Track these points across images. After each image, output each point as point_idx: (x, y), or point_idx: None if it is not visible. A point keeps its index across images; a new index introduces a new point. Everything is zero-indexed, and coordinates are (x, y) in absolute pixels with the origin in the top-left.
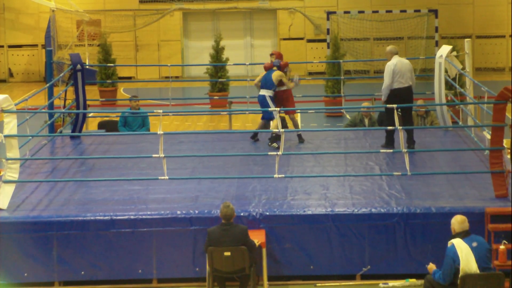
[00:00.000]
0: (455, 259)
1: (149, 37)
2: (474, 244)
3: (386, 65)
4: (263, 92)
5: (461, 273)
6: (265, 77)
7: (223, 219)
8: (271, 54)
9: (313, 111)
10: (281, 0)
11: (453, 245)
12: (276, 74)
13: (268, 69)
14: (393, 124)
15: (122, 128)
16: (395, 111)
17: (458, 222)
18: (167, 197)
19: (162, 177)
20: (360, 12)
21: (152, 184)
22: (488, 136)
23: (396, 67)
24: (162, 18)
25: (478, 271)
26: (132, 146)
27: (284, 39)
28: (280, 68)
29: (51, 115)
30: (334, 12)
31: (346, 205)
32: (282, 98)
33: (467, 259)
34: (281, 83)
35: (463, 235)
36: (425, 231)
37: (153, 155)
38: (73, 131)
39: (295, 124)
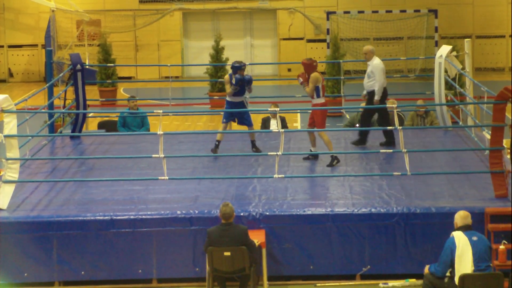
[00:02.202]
0: (453, 249)
1: (149, 37)
2: (474, 238)
3: (375, 65)
4: None
5: (456, 263)
6: None
7: (222, 219)
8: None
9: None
10: (281, 0)
11: (452, 237)
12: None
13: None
14: (389, 124)
15: (122, 129)
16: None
17: (461, 217)
18: (167, 197)
19: (162, 177)
20: (360, 12)
21: (152, 184)
22: (488, 136)
23: (383, 66)
24: (162, 18)
25: (472, 264)
26: (132, 146)
27: (284, 39)
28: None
29: (51, 115)
30: (334, 12)
31: (346, 205)
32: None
33: (463, 249)
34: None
35: (464, 229)
36: (425, 231)
37: (153, 155)
38: (73, 131)
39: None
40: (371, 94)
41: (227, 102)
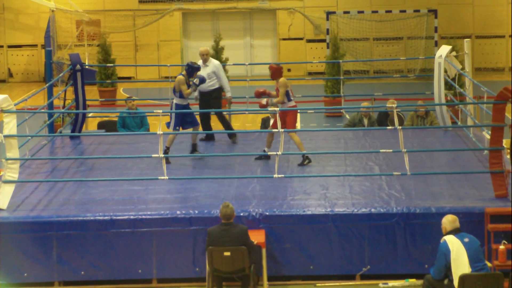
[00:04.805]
0: (447, 254)
1: (148, 37)
2: (466, 239)
3: (216, 64)
4: None
5: (452, 266)
6: None
7: (223, 219)
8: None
9: (313, 111)
10: (281, 0)
11: (445, 241)
12: (176, 79)
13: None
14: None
15: (121, 129)
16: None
17: (449, 221)
18: (167, 197)
19: (162, 177)
20: (359, 12)
21: (152, 184)
22: (488, 136)
23: None
24: (162, 18)
25: (468, 265)
26: (132, 146)
27: (284, 39)
28: (187, 72)
29: (50, 115)
30: (334, 12)
31: (346, 205)
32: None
33: (458, 252)
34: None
35: (454, 232)
36: (425, 231)
37: (153, 155)
38: (72, 131)
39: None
40: (210, 94)
41: (178, 106)
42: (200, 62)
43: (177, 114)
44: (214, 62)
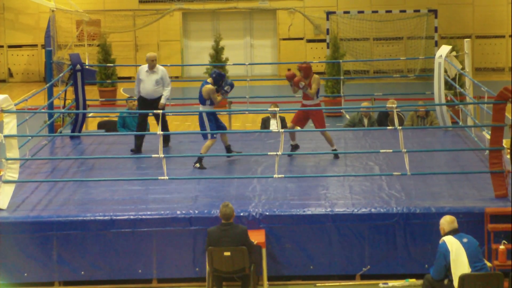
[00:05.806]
0: (446, 255)
1: (148, 37)
2: (465, 240)
3: (165, 70)
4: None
5: (452, 267)
6: (199, 90)
7: (222, 219)
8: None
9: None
10: (281, 0)
11: (444, 242)
12: (205, 89)
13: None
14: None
15: (121, 129)
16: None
17: (447, 222)
18: (167, 197)
19: (162, 177)
20: (359, 12)
21: (152, 184)
22: (488, 136)
23: None
24: (162, 18)
25: (468, 265)
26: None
27: (284, 39)
28: (214, 80)
29: (50, 115)
30: (334, 12)
31: (346, 205)
32: (311, 113)
33: (457, 252)
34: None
35: (452, 233)
36: (424, 231)
37: (153, 155)
38: (73, 131)
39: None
40: (156, 100)
41: (211, 113)
42: (146, 68)
43: (212, 120)
44: (161, 68)
